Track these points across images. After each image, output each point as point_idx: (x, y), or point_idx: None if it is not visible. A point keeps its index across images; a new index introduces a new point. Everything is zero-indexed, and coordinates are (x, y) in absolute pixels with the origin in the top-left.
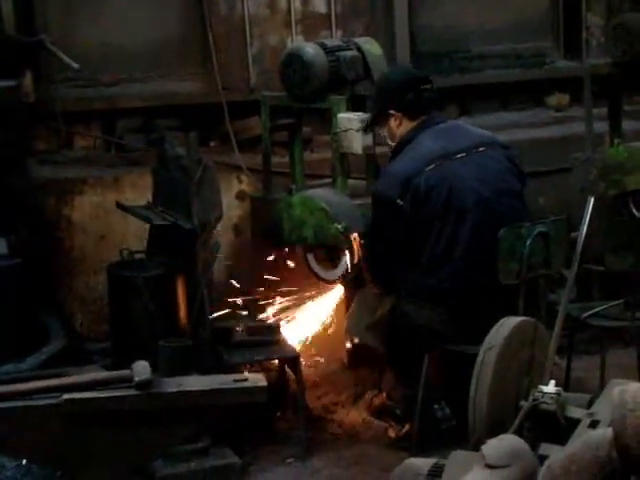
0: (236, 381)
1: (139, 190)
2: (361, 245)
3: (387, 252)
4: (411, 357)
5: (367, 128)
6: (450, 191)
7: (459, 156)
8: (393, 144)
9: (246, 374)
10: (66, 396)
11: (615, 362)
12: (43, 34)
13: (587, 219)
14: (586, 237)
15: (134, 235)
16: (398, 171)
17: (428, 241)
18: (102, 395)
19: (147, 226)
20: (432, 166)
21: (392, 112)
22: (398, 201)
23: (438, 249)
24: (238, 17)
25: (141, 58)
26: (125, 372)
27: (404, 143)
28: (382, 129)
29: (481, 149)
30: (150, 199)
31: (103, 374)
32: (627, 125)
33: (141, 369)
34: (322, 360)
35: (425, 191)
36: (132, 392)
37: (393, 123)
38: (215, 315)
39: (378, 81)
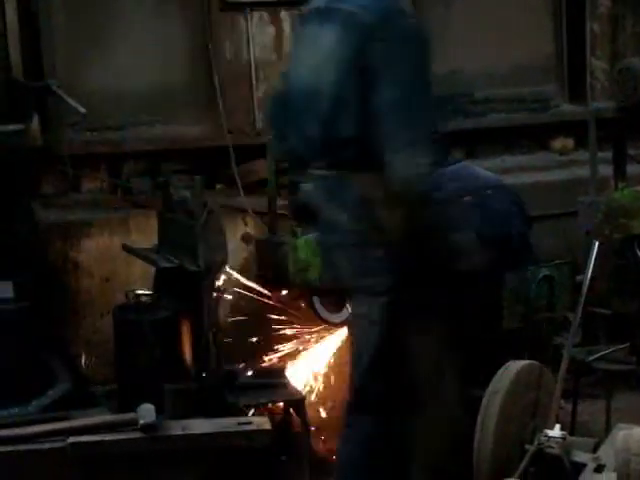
0: (240, 424)
1: (145, 233)
2: None
3: None
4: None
5: None
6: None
7: (467, 199)
8: None
9: (251, 417)
10: (71, 439)
11: (621, 406)
12: (50, 79)
13: (592, 263)
14: (591, 280)
15: (140, 278)
16: None
17: None
18: (107, 438)
19: (153, 269)
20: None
21: None
22: None
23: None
24: (244, 61)
25: (148, 102)
26: (130, 415)
27: None
28: None
29: (488, 192)
30: (156, 242)
31: (108, 417)
32: (632, 169)
33: (146, 412)
34: (328, 402)
35: None
36: (137, 435)
37: None
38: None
39: None
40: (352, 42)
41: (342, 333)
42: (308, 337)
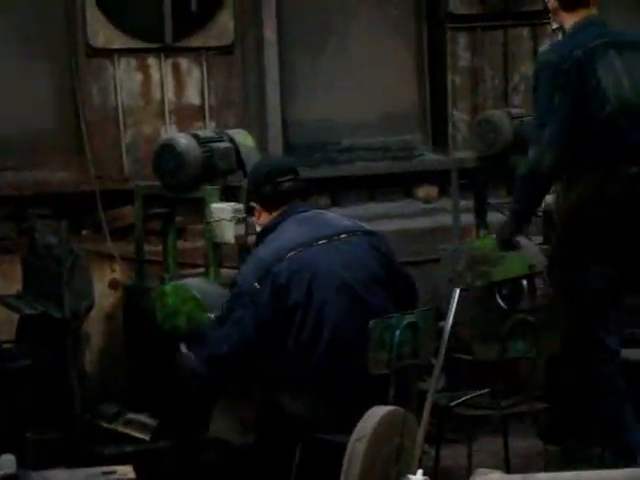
0: (104, 474)
1: (9, 279)
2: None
3: (240, 339)
4: (283, 448)
5: (245, 216)
6: (312, 278)
7: (321, 242)
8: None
9: (114, 467)
10: None
11: (483, 450)
12: None
13: (453, 309)
14: (454, 327)
15: (4, 325)
16: (260, 257)
17: (292, 328)
18: None
19: (17, 315)
20: (293, 252)
21: (253, 205)
22: (255, 284)
23: (303, 336)
24: (111, 106)
25: (13, 147)
26: None
27: (267, 231)
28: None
29: (343, 236)
30: (20, 288)
31: None
32: (493, 217)
33: (6, 463)
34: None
35: (286, 278)
36: None
37: (256, 215)
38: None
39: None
40: None
41: None
42: None
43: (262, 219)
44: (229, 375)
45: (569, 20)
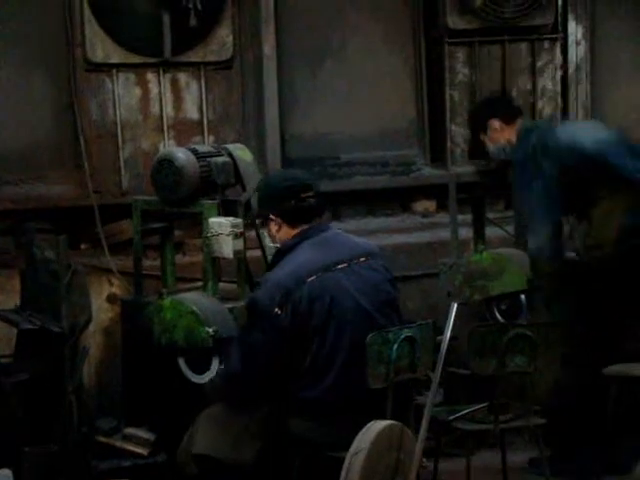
0: None
1: (7, 293)
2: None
3: (257, 363)
4: (283, 465)
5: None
6: (331, 303)
7: (340, 267)
8: (276, 245)
9: None
10: None
11: (481, 464)
12: None
13: (450, 324)
14: (452, 341)
15: (2, 339)
16: (279, 281)
17: (309, 353)
18: None
19: (15, 330)
20: (314, 277)
21: (272, 217)
22: (276, 310)
23: (319, 361)
24: (110, 121)
25: (12, 161)
26: None
27: (285, 251)
28: (266, 229)
29: (362, 259)
30: (18, 302)
31: None
32: (491, 232)
33: (3, 477)
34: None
35: (307, 303)
36: None
37: (273, 227)
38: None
39: (262, 182)
40: None
41: None
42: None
43: (282, 232)
44: (244, 397)
45: (511, 134)
